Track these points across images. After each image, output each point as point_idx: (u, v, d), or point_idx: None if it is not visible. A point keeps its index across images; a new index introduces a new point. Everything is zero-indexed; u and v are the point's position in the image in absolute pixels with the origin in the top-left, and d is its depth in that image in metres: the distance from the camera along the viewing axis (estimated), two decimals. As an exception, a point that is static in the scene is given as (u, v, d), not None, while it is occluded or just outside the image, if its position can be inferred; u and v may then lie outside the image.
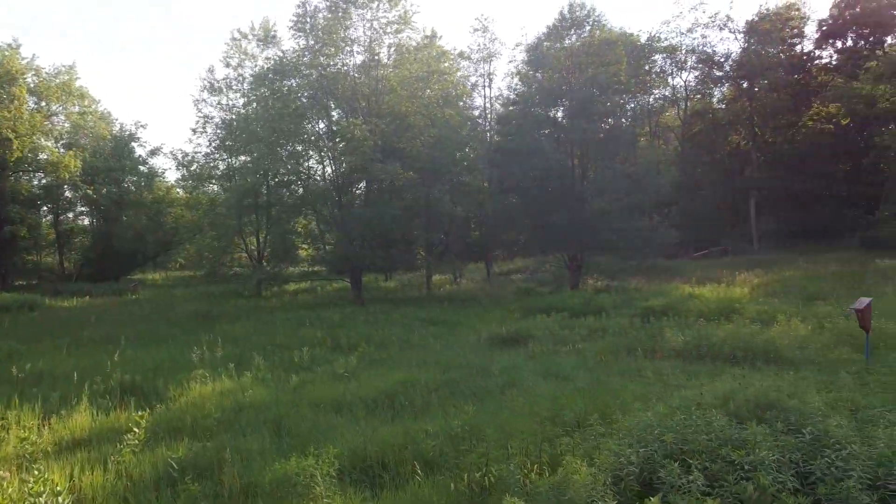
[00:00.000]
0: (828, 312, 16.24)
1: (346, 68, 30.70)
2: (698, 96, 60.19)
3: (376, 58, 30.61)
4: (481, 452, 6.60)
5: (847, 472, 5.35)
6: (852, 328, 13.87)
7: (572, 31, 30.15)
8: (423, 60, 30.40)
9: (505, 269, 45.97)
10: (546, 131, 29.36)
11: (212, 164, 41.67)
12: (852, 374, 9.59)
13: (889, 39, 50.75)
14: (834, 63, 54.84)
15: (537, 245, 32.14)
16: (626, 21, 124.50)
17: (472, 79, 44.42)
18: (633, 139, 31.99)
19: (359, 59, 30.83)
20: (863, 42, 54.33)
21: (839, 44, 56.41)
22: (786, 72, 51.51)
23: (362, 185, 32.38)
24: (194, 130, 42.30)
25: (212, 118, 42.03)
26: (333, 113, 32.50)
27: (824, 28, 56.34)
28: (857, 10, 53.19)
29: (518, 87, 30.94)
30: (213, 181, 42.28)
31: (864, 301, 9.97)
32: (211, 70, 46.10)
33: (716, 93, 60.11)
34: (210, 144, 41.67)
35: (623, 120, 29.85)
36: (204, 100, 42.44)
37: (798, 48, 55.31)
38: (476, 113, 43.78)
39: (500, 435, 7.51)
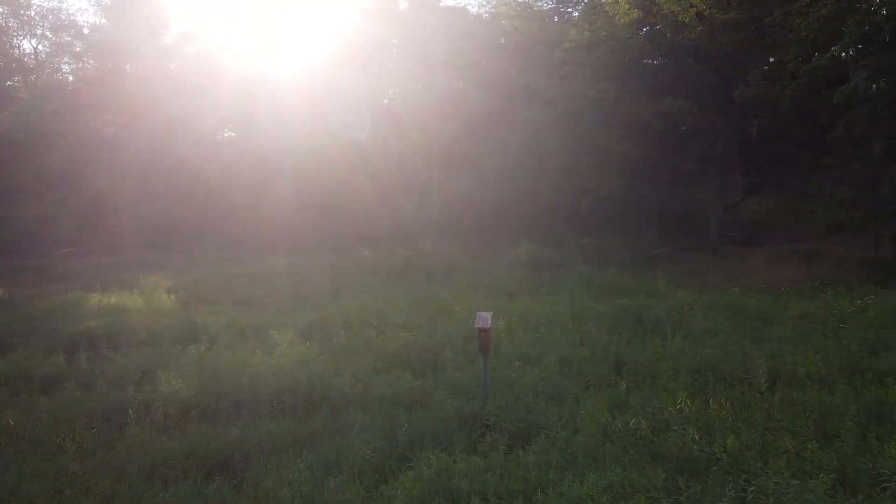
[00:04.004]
0: (320, 320, 14.08)
1: None
2: (49, 70, 51.83)
3: None
4: None
5: None
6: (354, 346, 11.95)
7: None
8: None
9: None
10: None
11: None
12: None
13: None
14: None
15: None
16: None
17: None
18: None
19: None
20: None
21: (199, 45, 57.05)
22: (155, 60, 48.67)
23: None
24: None
25: None
26: None
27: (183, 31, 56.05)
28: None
29: None
30: None
31: (485, 316, 7.83)
32: None
33: (74, 68, 52.89)
34: None
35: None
36: None
37: (166, 40, 53.25)
38: None
39: None
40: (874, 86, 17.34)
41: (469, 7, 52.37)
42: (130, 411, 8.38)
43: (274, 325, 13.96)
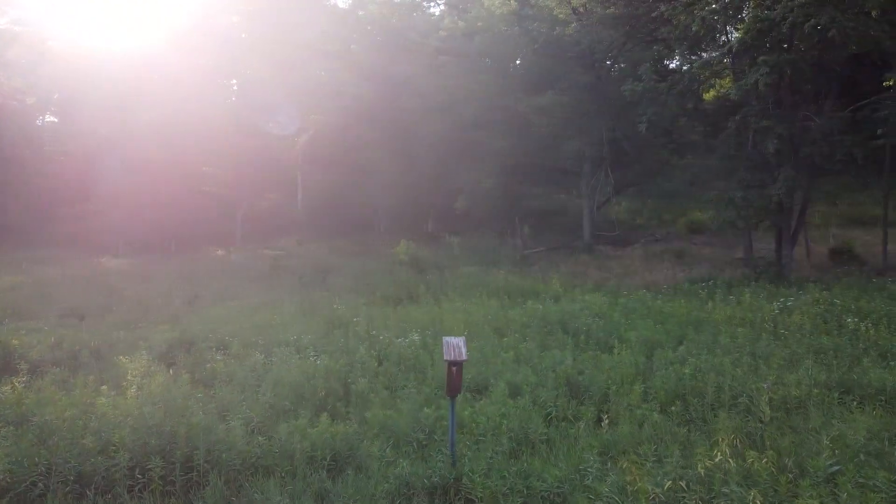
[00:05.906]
0: (182, 338, 11.12)
1: None
2: None
3: None
4: None
5: None
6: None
7: None
8: None
9: None
10: None
11: None
12: None
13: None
14: None
15: None
16: None
17: None
18: None
19: None
20: None
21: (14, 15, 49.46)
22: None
23: None
24: None
25: None
26: None
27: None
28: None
29: None
30: None
31: (456, 343, 5.63)
32: None
33: None
34: None
35: None
36: None
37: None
38: None
39: None
40: (767, 83, 17.17)
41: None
42: None
43: (119, 345, 10.92)
